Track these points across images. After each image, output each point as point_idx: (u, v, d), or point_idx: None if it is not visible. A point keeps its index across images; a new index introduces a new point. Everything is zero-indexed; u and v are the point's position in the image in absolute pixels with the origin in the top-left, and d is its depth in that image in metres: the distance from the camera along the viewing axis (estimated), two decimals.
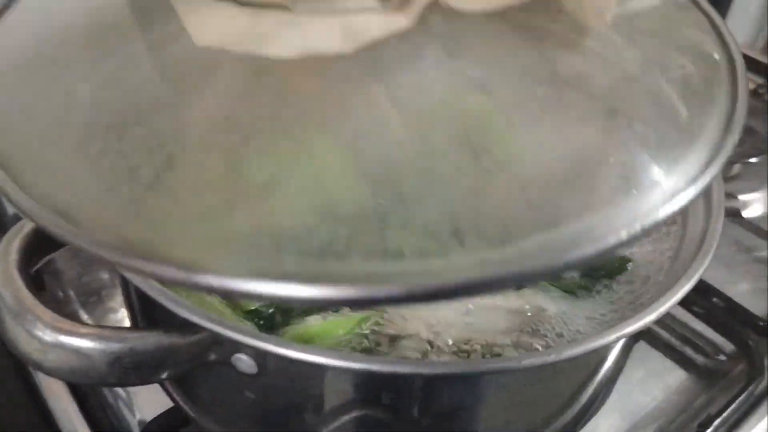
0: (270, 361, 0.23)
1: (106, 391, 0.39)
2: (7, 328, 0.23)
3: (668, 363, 0.44)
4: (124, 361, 0.22)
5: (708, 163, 0.23)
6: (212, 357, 0.23)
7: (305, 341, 0.25)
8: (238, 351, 0.23)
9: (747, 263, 0.53)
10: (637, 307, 0.26)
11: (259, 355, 0.23)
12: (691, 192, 0.21)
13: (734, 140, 0.24)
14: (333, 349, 0.22)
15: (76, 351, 0.22)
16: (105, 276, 0.43)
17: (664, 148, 0.23)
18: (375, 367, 0.21)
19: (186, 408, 0.30)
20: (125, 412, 0.38)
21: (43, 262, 0.26)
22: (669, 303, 0.24)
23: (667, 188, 0.21)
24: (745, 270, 0.52)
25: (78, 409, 0.36)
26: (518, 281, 0.22)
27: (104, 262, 0.24)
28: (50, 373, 0.22)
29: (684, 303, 0.45)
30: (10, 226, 0.46)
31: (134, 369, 0.22)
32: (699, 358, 0.45)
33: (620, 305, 0.30)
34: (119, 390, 0.39)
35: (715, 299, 0.46)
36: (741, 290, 0.50)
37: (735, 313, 0.45)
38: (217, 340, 0.23)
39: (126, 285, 0.28)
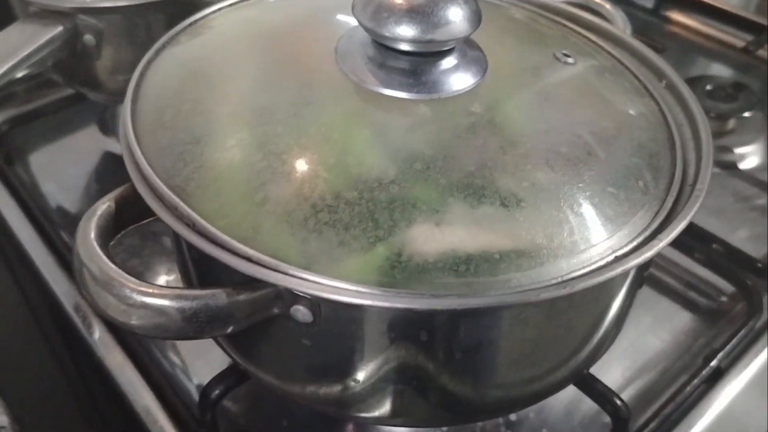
0: (324, 308, 0.27)
1: (164, 361, 0.43)
2: (96, 296, 0.27)
3: (674, 307, 0.48)
4: (200, 316, 0.26)
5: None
6: (275, 310, 0.27)
7: None
8: (296, 303, 0.27)
9: (745, 212, 0.56)
10: None
11: (315, 304, 0.27)
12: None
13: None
14: (377, 289, 0.26)
15: (159, 310, 0.26)
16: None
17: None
18: (415, 305, 0.25)
19: (244, 364, 0.34)
20: (183, 378, 0.42)
21: (117, 238, 0.30)
22: (666, 240, 0.27)
23: None
24: (743, 218, 0.55)
25: (143, 380, 0.40)
26: None
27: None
28: (137, 330, 0.26)
29: (686, 250, 0.49)
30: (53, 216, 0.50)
31: (208, 323, 0.26)
32: (702, 301, 0.48)
33: None
34: (176, 359, 0.43)
35: (715, 245, 0.50)
36: (740, 237, 0.53)
37: (734, 257, 0.49)
38: (279, 295, 0.27)
39: (181, 251, 0.32)
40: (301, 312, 0.27)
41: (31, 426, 0.39)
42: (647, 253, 0.27)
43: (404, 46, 0.32)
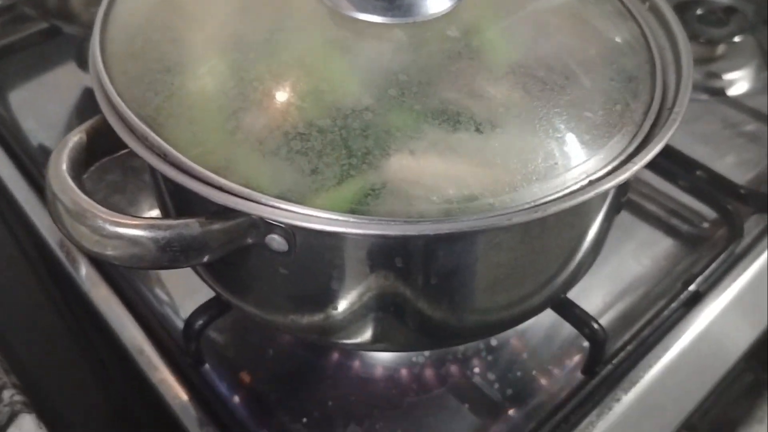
0: (298, 237, 0.27)
1: (150, 294, 0.43)
2: (70, 228, 0.27)
3: (657, 233, 0.48)
4: (173, 246, 0.26)
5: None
6: (249, 239, 0.27)
7: None
8: (271, 232, 0.27)
9: (732, 138, 0.56)
10: None
11: (289, 233, 0.27)
12: None
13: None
14: (350, 216, 0.26)
15: (133, 240, 0.26)
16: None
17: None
18: (388, 231, 0.25)
19: (225, 294, 0.34)
20: (169, 310, 0.43)
21: (90, 171, 0.30)
22: (641, 163, 0.27)
23: None
24: (730, 145, 0.55)
25: (128, 313, 0.41)
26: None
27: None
28: (113, 260, 0.26)
29: (670, 176, 0.49)
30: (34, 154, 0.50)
31: (182, 252, 0.26)
32: (685, 227, 0.49)
33: None
34: (162, 293, 0.44)
35: (699, 172, 0.50)
36: (727, 163, 0.53)
37: (717, 183, 0.49)
38: (253, 224, 0.27)
39: (157, 183, 0.32)
40: (276, 241, 0.27)
41: (25, 362, 0.40)
42: (620, 177, 0.27)
43: None
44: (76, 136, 0.29)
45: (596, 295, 0.44)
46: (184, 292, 0.43)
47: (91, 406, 0.40)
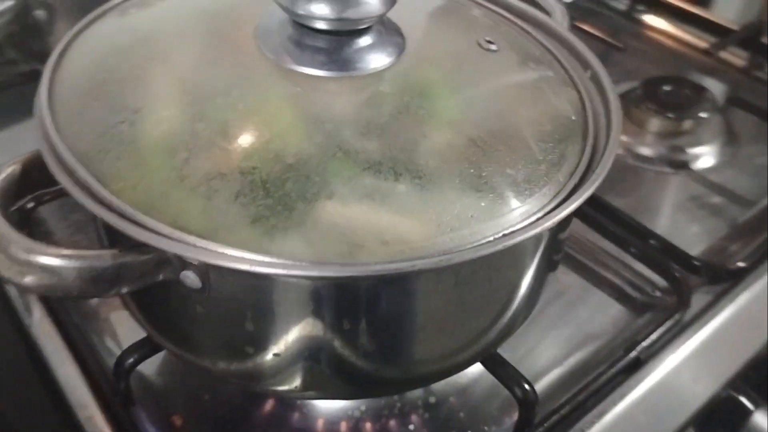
0: (212, 274, 0.27)
1: (93, 333, 0.43)
2: None
3: (609, 300, 0.48)
4: (84, 276, 0.26)
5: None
6: (163, 275, 0.28)
7: None
8: (186, 268, 0.27)
9: (692, 210, 0.56)
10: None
11: (203, 270, 0.27)
12: None
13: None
14: (258, 255, 0.26)
15: (46, 268, 0.26)
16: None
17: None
18: (293, 271, 0.26)
19: (154, 334, 0.34)
20: (110, 346, 0.43)
21: (20, 204, 0.30)
22: (551, 221, 0.28)
23: None
24: (690, 217, 0.56)
25: (68, 351, 0.41)
26: None
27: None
28: (30, 289, 0.27)
29: (622, 244, 0.50)
30: None
31: (93, 283, 0.26)
32: (636, 295, 0.49)
33: None
34: (106, 333, 0.44)
35: (652, 241, 0.50)
36: (685, 234, 0.53)
37: (669, 253, 0.49)
38: (167, 260, 0.27)
39: (94, 219, 0.33)
40: (190, 278, 0.28)
41: None
42: (528, 233, 0.28)
43: (319, 25, 0.32)
44: (11, 167, 0.30)
45: (539, 357, 0.44)
46: (129, 331, 0.44)
47: None
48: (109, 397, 0.38)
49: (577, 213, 0.30)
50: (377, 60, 0.33)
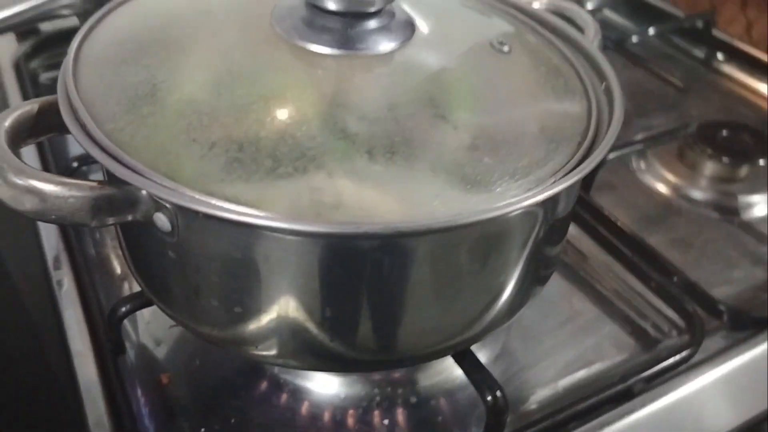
0: (180, 218, 0.29)
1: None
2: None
3: (621, 332, 0.46)
4: (68, 202, 0.28)
5: None
6: (138, 213, 0.29)
7: None
8: (159, 210, 0.29)
9: (731, 258, 0.53)
10: None
11: (172, 213, 0.29)
12: None
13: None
14: (217, 200, 0.27)
15: (36, 193, 0.28)
16: None
17: None
18: (251, 219, 0.27)
19: (141, 284, 0.36)
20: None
21: (27, 144, 0.33)
22: (518, 203, 0.28)
23: None
24: (728, 263, 0.53)
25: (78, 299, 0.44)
26: None
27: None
28: (20, 211, 0.29)
29: (644, 278, 0.48)
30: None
31: (75, 210, 0.28)
32: (651, 331, 0.46)
33: None
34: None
35: (675, 278, 0.48)
36: (719, 279, 0.51)
37: (691, 292, 0.47)
38: (139, 197, 0.29)
39: None
40: (161, 220, 0.29)
41: None
42: (501, 211, 0.28)
43: (330, 5, 0.34)
44: (29, 106, 0.33)
45: (533, 375, 0.43)
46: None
47: None
48: (103, 345, 0.40)
49: (602, 241, 0.28)
50: (384, 44, 0.34)
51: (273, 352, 0.34)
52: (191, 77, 0.33)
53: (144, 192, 0.29)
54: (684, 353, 0.42)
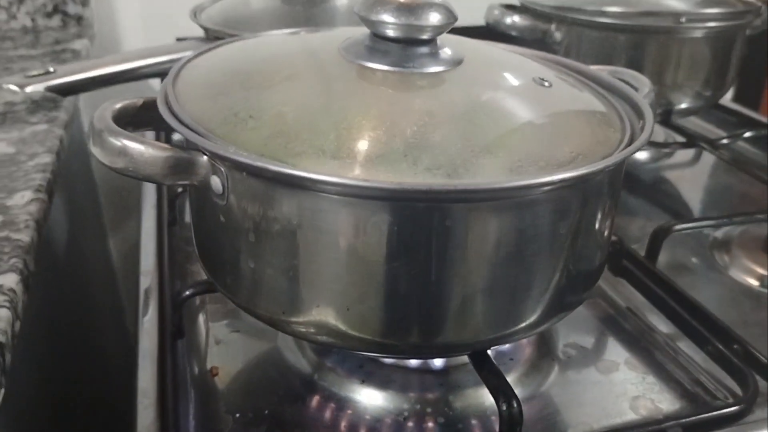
0: (230, 179, 0.33)
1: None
2: (93, 143, 0.36)
3: (671, 393, 0.45)
4: (147, 159, 0.34)
5: None
6: (200, 176, 0.34)
7: None
8: (214, 173, 0.34)
9: None
10: None
11: (224, 176, 0.34)
12: None
13: None
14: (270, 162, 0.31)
15: (123, 151, 0.34)
16: None
17: None
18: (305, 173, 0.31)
19: (201, 262, 0.41)
20: None
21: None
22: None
23: None
24: None
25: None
26: None
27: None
28: (115, 170, 0.35)
29: (701, 342, 0.46)
30: None
31: (143, 164, 0.34)
32: (702, 394, 0.44)
33: None
34: None
35: (736, 346, 0.46)
36: None
37: (749, 359, 0.44)
38: (201, 162, 0.34)
39: None
40: (215, 182, 0.34)
41: None
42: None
43: (391, 33, 0.39)
44: (135, 100, 0.40)
45: (568, 420, 0.42)
46: None
47: None
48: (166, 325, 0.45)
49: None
50: (434, 67, 0.39)
51: (309, 322, 0.36)
52: (274, 92, 0.39)
53: (204, 158, 0.34)
54: (732, 409, 0.40)
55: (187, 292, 0.44)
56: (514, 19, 0.75)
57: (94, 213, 0.93)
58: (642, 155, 0.80)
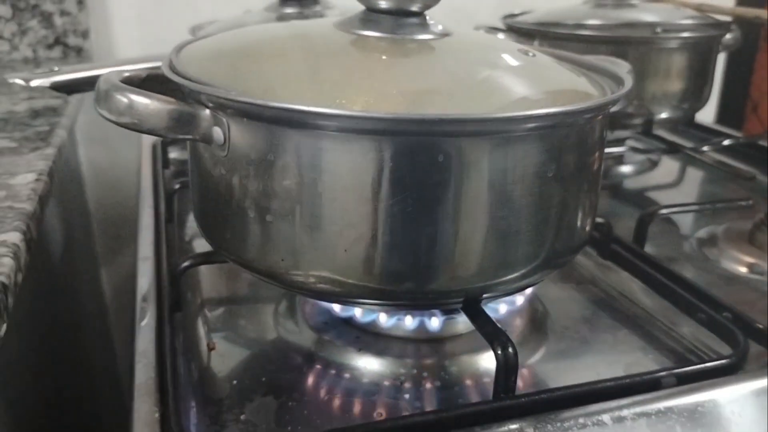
0: (232, 128, 0.35)
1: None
2: (100, 100, 0.38)
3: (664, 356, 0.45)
4: (151, 111, 0.35)
5: None
6: (201, 129, 0.36)
7: None
8: (216, 124, 0.36)
9: None
10: None
11: (225, 125, 0.35)
12: None
13: None
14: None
15: (131, 106, 0.36)
16: None
17: None
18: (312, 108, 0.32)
19: (200, 225, 0.42)
20: None
21: None
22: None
23: None
24: None
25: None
26: None
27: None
28: (121, 125, 0.36)
29: (691, 311, 0.47)
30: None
31: (147, 116, 0.35)
32: (694, 359, 0.45)
33: None
34: None
35: (725, 313, 0.47)
36: None
37: (740, 323, 0.45)
38: (203, 115, 0.36)
39: None
40: (217, 133, 0.36)
41: None
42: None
43: (383, 4, 0.42)
44: (141, 70, 0.42)
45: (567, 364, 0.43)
46: None
47: None
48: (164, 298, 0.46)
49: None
50: (424, 35, 0.41)
51: (307, 270, 0.37)
52: (274, 54, 0.40)
53: (206, 111, 0.36)
54: (723, 361, 0.40)
55: (186, 263, 0.44)
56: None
57: (87, 242, 0.94)
58: (626, 168, 0.83)
